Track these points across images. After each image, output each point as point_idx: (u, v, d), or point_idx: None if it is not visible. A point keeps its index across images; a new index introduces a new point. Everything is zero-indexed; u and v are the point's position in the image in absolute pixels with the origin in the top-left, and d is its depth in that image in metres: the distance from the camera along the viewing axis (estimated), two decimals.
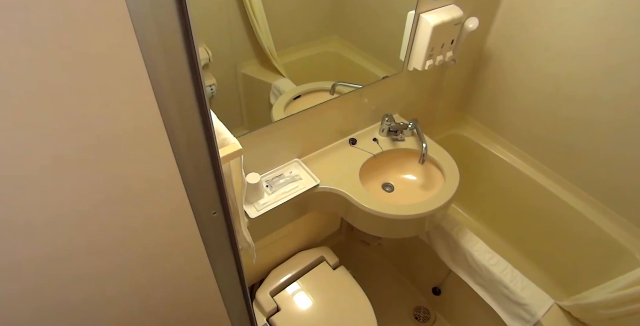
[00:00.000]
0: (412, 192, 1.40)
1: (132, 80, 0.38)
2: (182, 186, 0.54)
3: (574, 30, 1.36)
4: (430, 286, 1.73)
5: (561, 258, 1.72)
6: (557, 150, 1.61)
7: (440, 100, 1.70)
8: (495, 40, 1.61)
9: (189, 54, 0.41)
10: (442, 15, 1.25)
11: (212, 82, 0.99)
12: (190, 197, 0.56)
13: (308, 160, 1.33)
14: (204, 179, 0.55)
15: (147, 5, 0.34)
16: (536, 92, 1.57)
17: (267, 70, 1.10)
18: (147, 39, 0.36)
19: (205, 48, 0.92)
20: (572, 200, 1.62)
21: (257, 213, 1.14)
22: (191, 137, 0.49)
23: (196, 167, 0.53)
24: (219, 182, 0.58)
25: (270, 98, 1.17)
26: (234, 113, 1.12)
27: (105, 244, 0.53)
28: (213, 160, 0.54)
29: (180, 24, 0.36)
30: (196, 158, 0.51)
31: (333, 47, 1.24)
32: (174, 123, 0.45)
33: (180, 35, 0.38)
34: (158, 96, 0.42)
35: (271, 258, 1.45)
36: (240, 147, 0.60)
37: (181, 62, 0.41)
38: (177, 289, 0.70)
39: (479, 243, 1.45)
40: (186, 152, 0.50)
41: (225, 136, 0.62)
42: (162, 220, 0.56)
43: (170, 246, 0.61)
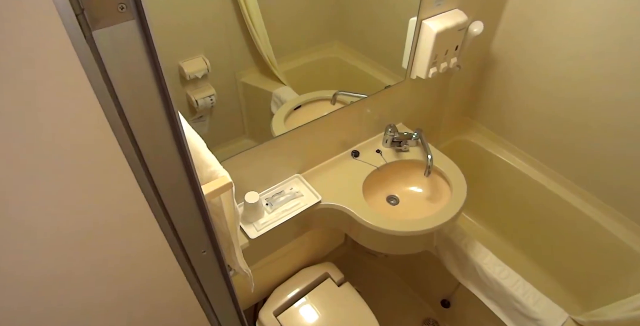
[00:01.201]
0: (418, 205, 1.35)
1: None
2: (168, 228, 0.50)
3: (585, 31, 1.30)
4: (439, 299, 1.68)
5: (573, 265, 1.67)
6: (567, 155, 1.55)
7: (445, 106, 1.65)
8: (501, 43, 1.56)
9: (161, 89, 0.36)
10: (445, 20, 1.20)
11: (211, 92, 0.96)
12: (178, 238, 0.52)
13: (309, 175, 1.28)
14: (190, 220, 0.51)
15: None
16: (545, 95, 1.51)
17: (267, 79, 1.08)
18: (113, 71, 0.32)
19: (204, 58, 0.90)
20: (584, 205, 1.56)
21: (257, 234, 1.10)
22: (172, 180, 0.44)
23: (181, 210, 0.48)
24: (206, 222, 0.54)
25: (271, 106, 1.14)
26: (235, 122, 1.10)
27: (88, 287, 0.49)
28: (198, 200, 0.49)
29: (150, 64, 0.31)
30: (180, 202, 0.47)
31: (334, 52, 1.21)
32: (158, 178, 0.40)
33: (152, 75, 0.34)
34: (136, 137, 0.38)
35: (274, 275, 1.41)
36: (230, 180, 0.56)
37: (156, 107, 0.37)
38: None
39: (489, 255, 1.40)
40: (170, 196, 0.46)
41: (214, 168, 0.58)
42: (146, 264, 0.52)
43: (154, 283, 0.57)
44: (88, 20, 0.27)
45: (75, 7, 0.26)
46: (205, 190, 0.54)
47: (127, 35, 0.30)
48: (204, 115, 1.00)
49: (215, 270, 0.63)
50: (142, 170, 0.38)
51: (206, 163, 0.58)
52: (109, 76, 0.31)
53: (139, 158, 0.37)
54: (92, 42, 0.29)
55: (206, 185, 0.53)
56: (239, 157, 1.06)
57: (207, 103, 0.97)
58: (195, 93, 0.95)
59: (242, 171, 1.11)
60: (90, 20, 0.28)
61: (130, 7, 0.29)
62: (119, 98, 0.32)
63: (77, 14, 0.27)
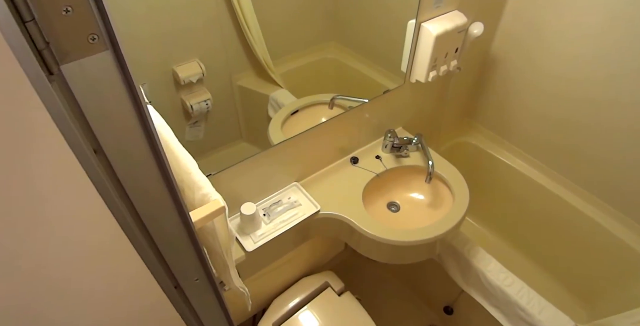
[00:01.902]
0: (420, 212, 1.32)
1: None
2: (154, 259, 0.47)
3: (586, 30, 1.27)
4: (442, 305, 1.65)
5: (577, 268, 1.65)
6: (570, 156, 1.53)
7: (446, 109, 1.62)
8: (502, 44, 1.52)
9: (142, 123, 0.33)
10: (444, 23, 1.16)
11: (207, 97, 0.94)
12: (168, 268, 0.49)
13: (307, 183, 1.25)
14: (180, 251, 0.48)
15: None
16: (546, 95, 1.48)
17: (264, 82, 1.06)
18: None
19: (198, 62, 0.88)
20: (587, 208, 1.54)
21: (254, 246, 1.07)
22: (158, 212, 0.41)
23: (170, 242, 0.45)
24: (197, 250, 0.50)
25: (268, 110, 1.12)
26: (231, 126, 1.08)
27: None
28: (188, 230, 0.46)
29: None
30: (168, 233, 0.44)
31: (331, 53, 1.19)
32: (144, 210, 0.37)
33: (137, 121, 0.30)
34: (119, 177, 0.34)
35: (273, 285, 1.38)
36: (223, 203, 0.53)
37: (138, 140, 0.33)
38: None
39: (492, 262, 1.37)
40: (156, 227, 0.43)
41: (206, 191, 0.54)
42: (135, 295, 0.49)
43: (142, 314, 0.54)
44: (55, 54, 0.24)
45: (38, 41, 0.23)
46: (197, 215, 0.50)
47: (101, 68, 0.27)
48: (200, 120, 0.98)
49: (209, 296, 0.60)
50: (125, 207, 0.35)
51: (198, 185, 0.55)
52: (83, 113, 0.27)
53: (122, 198, 0.34)
54: (61, 78, 0.25)
55: (198, 210, 0.50)
56: (234, 167, 1.03)
57: (202, 108, 0.95)
58: (190, 98, 0.93)
59: (238, 181, 1.07)
60: (57, 54, 0.24)
61: (103, 37, 0.25)
62: (96, 135, 0.29)
63: (41, 49, 0.23)
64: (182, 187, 0.61)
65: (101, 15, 0.24)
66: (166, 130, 0.63)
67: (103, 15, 0.24)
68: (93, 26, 0.25)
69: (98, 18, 0.24)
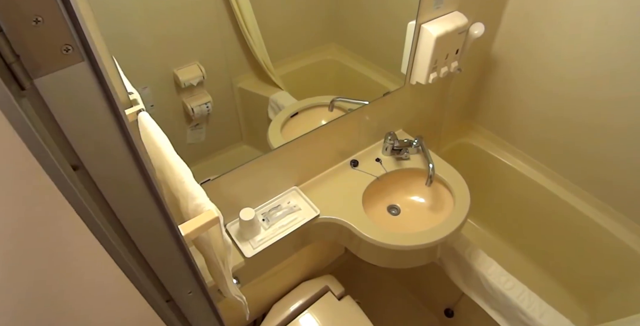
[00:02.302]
0: (420, 215, 1.30)
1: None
2: (144, 275, 0.45)
3: (589, 29, 1.25)
4: (442, 308, 1.64)
5: (579, 270, 1.63)
6: (572, 158, 1.51)
7: (446, 110, 1.60)
8: (503, 44, 1.50)
9: (124, 135, 0.31)
10: (445, 24, 1.14)
11: (207, 99, 0.94)
12: (160, 283, 0.48)
13: (307, 187, 1.23)
14: (170, 265, 0.46)
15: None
16: (548, 96, 1.46)
17: (264, 84, 1.06)
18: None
19: (199, 65, 0.88)
20: (588, 209, 1.52)
21: (254, 252, 1.05)
22: (145, 227, 0.39)
23: (160, 257, 0.44)
24: (189, 263, 0.49)
25: (268, 112, 1.12)
26: (232, 128, 1.08)
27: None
28: (179, 243, 0.45)
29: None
30: (158, 247, 0.42)
31: (331, 55, 1.19)
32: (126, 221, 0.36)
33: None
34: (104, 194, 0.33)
35: (273, 290, 1.36)
36: (217, 214, 0.51)
37: (120, 153, 0.32)
38: None
39: (493, 265, 1.35)
40: (144, 241, 0.41)
41: (200, 201, 0.53)
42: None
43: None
44: (26, 67, 0.23)
45: (7, 55, 0.21)
46: (191, 226, 0.49)
47: (77, 80, 0.25)
48: (201, 122, 0.98)
49: (203, 308, 0.58)
50: (110, 224, 0.33)
51: (192, 195, 0.53)
52: (60, 128, 0.26)
53: (107, 215, 0.32)
54: (34, 93, 0.24)
55: (191, 221, 0.49)
56: (233, 172, 1.01)
57: (203, 111, 0.95)
58: (191, 101, 0.92)
59: (237, 186, 1.06)
60: (29, 67, 0.23)
61: (78, 48, 0.24)
62: (76, 151, 0.28)
63: (10, 63, 0.22)
64: (177, 196, 0.59)
65: (74, 25, 0.23)
66: (160, 137, 0.61)
67: (76, 24, 0.23)
68: (66, 36, 0.23)
69: (71, 28, 0.23)
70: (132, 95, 0.70)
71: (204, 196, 0.54)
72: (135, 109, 0.67)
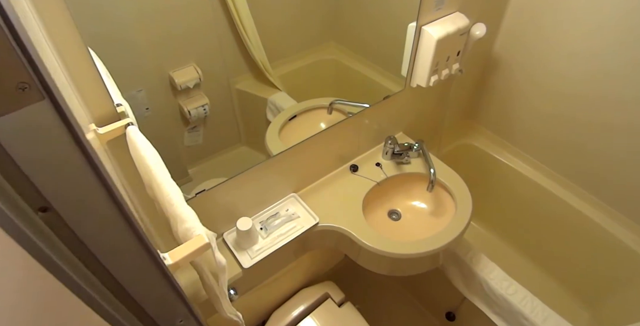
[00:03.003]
0: (421, 220, 1.28)
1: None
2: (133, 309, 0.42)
3: (594, 27, 1.21)
4: (444, 311, 1.62)
5: (581, 271, 1.62)
6: (575, 159, 1.48)
7: (447, 111, 1.57)
8: (504, 43, 1.47)
9: (97, 173, 0.29)
10: (446, 26, 1.11)
11: (204, 102, 0.92)
12: (148, 315, 0.45)
13: (306, 193, 1.21)
14: (157, 296, 0.44)
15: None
16: (551, 95, 1.43)
17: (262, 84, 1.04)
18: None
19: (195, 67, 0.86)
20: (591, 211, 1.51)
21: (251, 262, 1.03)
22: (127, 262, 0.37)
23: (148, 294, 0.41)
24: (177, 291, 0.46)
25: (267, 114, 1.10)
26: (230, 130, 1.06)
27: None
28: (164, 274, 0.42)
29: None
30: (142, 281, 0.40)
31: (330, 54, 1.16)
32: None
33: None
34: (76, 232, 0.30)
35: (272, 297, 1.34)
36: (207, 240, 0.48)
37: (94, 193, 0.29)
38: None
39: (495, 270, 1.33)
40: (126, 275, 0.38)
41: (190, 225, 0.50)
42: None
43: None
44: None
45: None
46: (179, 254, 0.46)
47: (37, 120, 0.22)
48: (198, 125, 0.97)
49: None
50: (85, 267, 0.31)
51: (181, 218, 0.50)
52: (23, 172, 0.23)
53: (84, 255, 0.30)
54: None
55: (180, 248, 0.46)
56: (229, 182, 0.99)
57: (200, 113, 0.93)
58: (187, 104, 0.91)
59: (234, 194, 1.03)
60: None
61: (35, 85, 0.21)
62: (43, 194, 0.25)
63: None
64: (167, 217, 0.56)
65: (29, 61, 0.20)
66: (149, 153, 0.59)
67: (31, 60, 0.20)
68: (22, 74, 0.20)
69: (26, 64, 0.20)
70: (120, 107, 0.67)
71: (194, 219, 0.51)
72: (123, 123, 0.64)
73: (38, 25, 0.51)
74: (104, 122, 0.65)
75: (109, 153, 0.69)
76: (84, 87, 0.63)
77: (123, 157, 0.64)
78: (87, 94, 0.64)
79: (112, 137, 0.65)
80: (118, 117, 0.65)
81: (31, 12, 0.50)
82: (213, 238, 0.54)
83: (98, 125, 0.65)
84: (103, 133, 0.63)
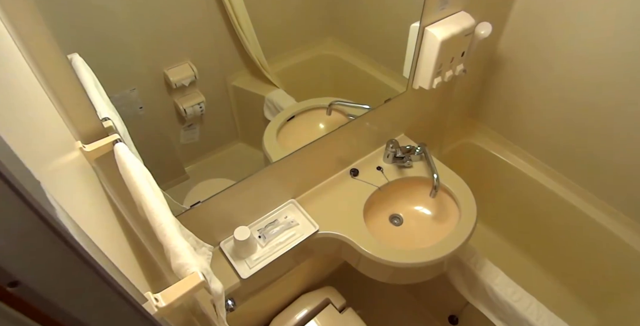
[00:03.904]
0: (424, 225, 1.25)
1: None
2: None
3: (602, 29, 1.17)
4: (447, 314, 1.60)
5: (588, 275, 1.59)
6: (580, 161, 1.45)
7: (450, 111, 1.53)
8: (509, 42, 1.42)
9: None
10: (450, 26, 1.07)
11: (200, 99, 0.90)
12: None
13: (305, 199, 1.17)
14: None
15: None
16: (557, 97, 1.39)
17: (259, 81, 1.02)
18: None
19: (190, 64, 0.85)
20: (597, 213, 1.48)
21: (250, 272, 1.00)
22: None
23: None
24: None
25: (264, 111, 1.08)
26: (227, 127, 1.05)
27: None
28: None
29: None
30: None
31: (328, 49, 1.13)
32: None
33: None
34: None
35: (272, 303, 1.32)
36: (202, 278, 0.45)
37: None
38: None
39: (500, 275, 1.31)
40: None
41: (184, 261, 0.47)
42: None
43: None
44: None
45: None
46: (172, 295, 0.43)
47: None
48: (194, 122, 0.95)
49: None
50: None
51: (174, 253, 0.47)
52: None
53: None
54: None
55: (173, 288, 0.43)
56: (225, 192, 0.96)
57: (196, 111, 0.92)
58: (183, 102, 0.89)
59: (231, 203, 1.00)
60: None
61: None
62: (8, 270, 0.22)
63: None
64: (160, 241, 0.53)
65: None
66: (139, 175, 0.55)
67: None
68: None
69: None
70: (106, 122, 0.63)
71: (188, 255, 0.47)
72: (110, 139, 0.61)
73: (14, 40, 0.47)
74: (91, 138, 0.62)
75: (98, 171, 0.66)
76: (67, 103, 0.59)
77: (114, 174, 0.60)
78: (71, 110, 0.60)
79: (100, 154, 0.62)
80: (106, 133, 0.62)
81: (5, 26, 0.46)
82: (209, 272, 0.51)
83: (85, 142, 0.61)
84: (90, 151, 0.60)
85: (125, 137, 0.69)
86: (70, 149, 0.57)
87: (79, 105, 0.60)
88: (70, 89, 0.58)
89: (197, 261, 0.49)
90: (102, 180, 0.68)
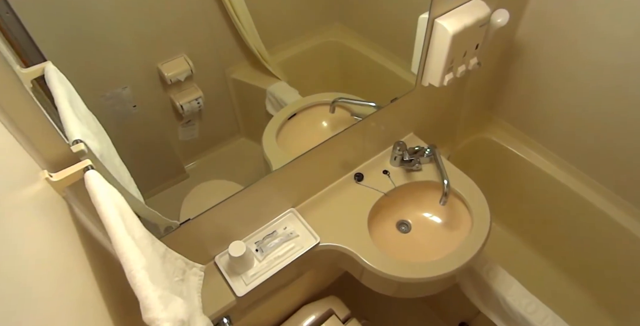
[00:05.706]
0: (433, 232, 1.17)
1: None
2: None
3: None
4: (457, 321, 1.54)
5: (609, 279, 1.50)
6: (605, 158, 1.34)
7: (463, 106, 1.42)
8: (530, 27, 1.29)
9: None
10: (463, 17, 0.96)
11: (197, 94, 0.86)
12: None
13: (305, 208, 1.10)
14: None
15: None
16: (584, 87, 1.26)
17: (260, 73, 0.97)
18: None
19: (185, 58, 0.80)
20: (628, 220, 1.37)
21: (246, 290, 0.94)
22: None
23: None
24: None
25: (266, 105, 1.03)
26: (228, 121, 1.01)
27: None
28: None
29: None
30: None
31: (334, 36, 1.07)
32: None
33: None
34: None
35: (272, 315, 1.27)
36: None
37: None
38: None
39: (514, 285, 1.23)
40: None
41: (153, 316, 0.40)
42: None
43: None
44: None
45: None
46: None
47: None
48: (193, 119, 0.91)
49: None
50: None
51: (144, 305, 0.41)
52: None
53: None
54: None
55: None
56: (220, 206, 0.89)
57: (194, 107, 0.87)
58: (179, 98, 0.85)
59: (225, 215, 0.93)
60: None
61: None
62: None
63: None
64: None
65: None
66: (111, 213, 0.48)
67: None
68: None
69: None
70: (77, 145, 0.54)
71: (158, 309, 0.41)
72: (80, 167, 0.53)
73: None
74: (61, 165, 0.55)
75: (71, 200, 0.59)
76: (25, 128, 0.52)
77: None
78: (33, 136, 0.53)
79: (71, 182, 0.55)
80: (77, 159, 0.54)
81: None
82: (185, 322, 0.44)
83: (53, 170, 0.54)
84: (57, 180, 0.53)
85: (107, 154, 0.62)
86: (32, 181, 0.50)
87: (41, 130, 0.53)
88: (28, 112, 0.51)
89: (168, 315, 0.43)
90: (77, 208, 0.62)
